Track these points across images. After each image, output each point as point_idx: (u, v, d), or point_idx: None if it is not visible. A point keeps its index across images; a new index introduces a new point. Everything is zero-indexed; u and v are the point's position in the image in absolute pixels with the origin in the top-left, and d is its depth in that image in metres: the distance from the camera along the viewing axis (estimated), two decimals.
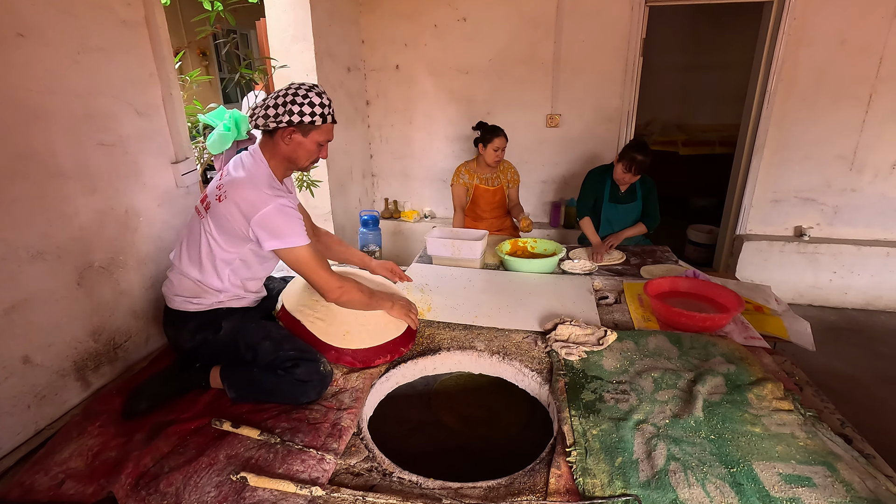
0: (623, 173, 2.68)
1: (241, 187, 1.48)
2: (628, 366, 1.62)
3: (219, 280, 1.57)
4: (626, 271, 2.57)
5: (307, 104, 1.48)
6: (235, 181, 1.50)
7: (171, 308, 1.59)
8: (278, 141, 1.53)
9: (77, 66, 1.46)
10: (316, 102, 1.49)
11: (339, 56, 3.48)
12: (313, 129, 1.53)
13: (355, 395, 1.52)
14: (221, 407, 1.48)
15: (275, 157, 1.57)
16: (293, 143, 1.53)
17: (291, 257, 1.51)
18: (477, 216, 3.25)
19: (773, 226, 3.61)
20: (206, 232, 1.53)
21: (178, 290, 1.58)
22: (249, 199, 1.46)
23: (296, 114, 1.48)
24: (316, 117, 1.50)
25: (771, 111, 3.30)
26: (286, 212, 1.49)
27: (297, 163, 1.60)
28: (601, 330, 1.77)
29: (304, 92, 1.49)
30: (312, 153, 1.58)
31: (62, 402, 1.47)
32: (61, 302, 1.44)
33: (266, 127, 1.53)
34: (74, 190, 1.47)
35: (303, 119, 1.49)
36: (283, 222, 1.47)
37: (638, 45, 3.45)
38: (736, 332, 1.85)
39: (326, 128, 1.56)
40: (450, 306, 2.09)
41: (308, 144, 1.55)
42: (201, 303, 1.57)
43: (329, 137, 1.59)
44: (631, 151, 2.63)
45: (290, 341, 1.55)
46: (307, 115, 1.49)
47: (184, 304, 1.57)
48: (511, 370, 1.73)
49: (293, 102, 1.48)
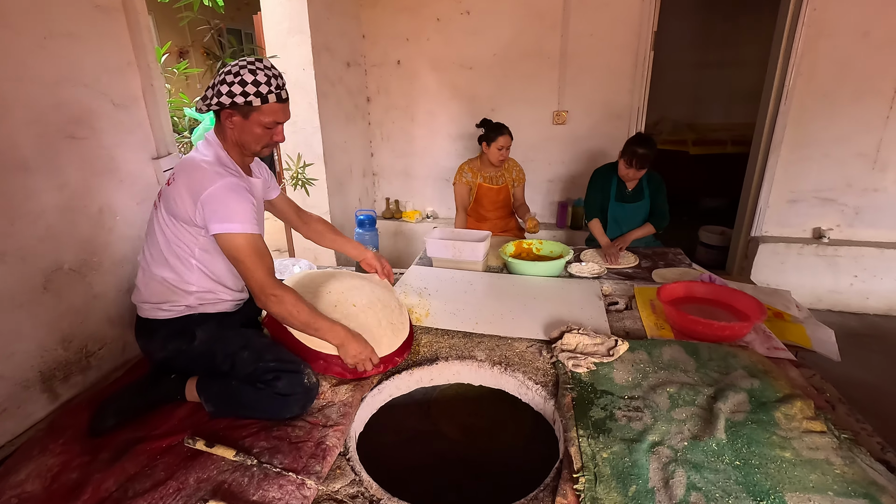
0: (626, 169, 2.56)
1: (189, 166, 1.36)
2: (641, 379, 1.49)
3: (190, 274, 1.44)
4: (637, 275, 2.43)
5: (238, 83, 1.31)
6: (185, 161, 1.38)
7: (141, 316, 1.48)
8: (224, 124, 1.40)
9: (43, 51, 1.35)
10: (248, 80, 1.31)
11: (338, 51, 3.37)
12: (253, 111, 1.36)
13: (343, 411, 1.39)
14: (198, 422, 1.37)
15: (225, 141, 1.44)
16: (236, 126, 1.39)
17: (229, 245, 1.33)
18: (480, 216, 3.12)
19: (791, 227, 3.46)
20: (161, 221, 1.40)
21: (146, 296, 1.46)
22: (197, 177, 1.33)
23: (224, 94, 1.32)
24: (250, 97, 1.33)
25: (789, 107, 3.15)
26: (238, 191, 1.34)
27: (246, 147, 1.44)
28: (611, 339, 1.64)
29: (236, 69, 1.32)
30: (260, 137, 1.41)
31: (25, 416, 1.36)
32: (25, 307, 1.33)
33: (202, 110, 1.40)
34: (40, 185, 1.36)
35: (234, 100, 1.33)
36: (231, 202, 1.32)
37: (649, 38, 3.31)
38: (757, 341, 1.72)
39: (270, 108, 1.37)
40: (449, 312, 1.97)
41: (251, 127, 1.38)
42: (171, 309, 1.45)
43: (277, 118, 1.40)
44: (632, 145, 2.53)
45: (272, 351, 1.42)
46: (238, 94, 1.32)
47: (153, 311, 1.45)
48: (513, 383, 1.60)
49: (223, 82, 1.32)
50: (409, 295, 2.11)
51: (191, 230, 1.39)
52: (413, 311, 1.97)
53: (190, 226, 1.38)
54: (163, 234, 1.40)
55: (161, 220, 1.40)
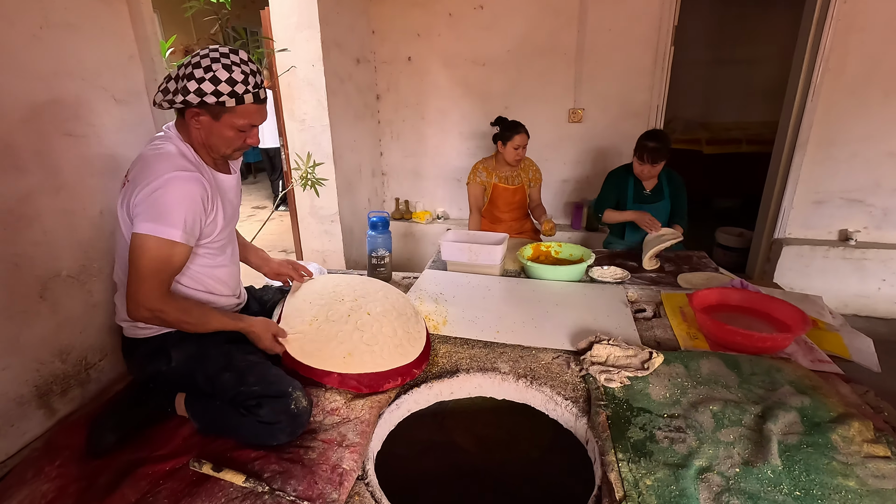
0: (640, 166, 2.47)
1: (142, 162, 1.19)
2: (680, 395, 1.38)
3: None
4: (662, 279, 2.32)
5: (209, 80, 1.13)
6: (139, 157, 1.22)
7: (124, 335, 1.36)
8: (188, 123, 1.22)
9: (39, 43, 1.25)
10: (222, 78, 1.13)
11: (347, 47, 3.27)
12: (225, 112, 1.19)
13: (360, 429, 1.29)
14: (204, 441, 1.27)
15: (189, 140, 1.26)
16: (203, 126, 1.21)
17: (138, 242, 1.14)
18: (495, 218, 3.01)
19: (816, 229, 3.33)
20: (123, 229, 1.23)
21: (122, 314, 1.30)
22: (145, 171, 1.16)
23: (192, 92, 1.14)
24: (224, 97, 1.15)
25: (816, 104, 3.03)
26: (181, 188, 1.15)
27: (214, 149, 1.27)
28: (645, 351, 1.53)
29: (207, 63, 1.14)
30: (231, 140, 1.24)
31: (20, 434, 1.26)
32: (18, 318, 1.24)
33: (162, 107, 1.21)
34: (35, 187, 1.26)
35: (204, 99, 1.15)
36: (167, 198, 1.14)
37: (669, 33, 3.19)
38: (800, 353, 1.60)
39: (245, 109, 1.20)
40: (468, 319, 1.86)
41: (222, 129, 1.21)
42: (148, 327, 1.31)
43: (253, 121, 1.23)
44: (642, 140, 2.45)
45: (255, 372, 1.27)
46: (209, 93, 1.14)
47: (131, 329, 1.33)
48: (541, 397, 1.50)
49: (190, 77, 1.14)
50: (425, 301, 2.01)
51: None
52: (430, 318, 1.87)
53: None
54: (125, 242, 1.22)
55: (124, 229, 1.23)
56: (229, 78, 1.15)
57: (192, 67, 1.15)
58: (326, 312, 1.58)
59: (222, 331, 1.42)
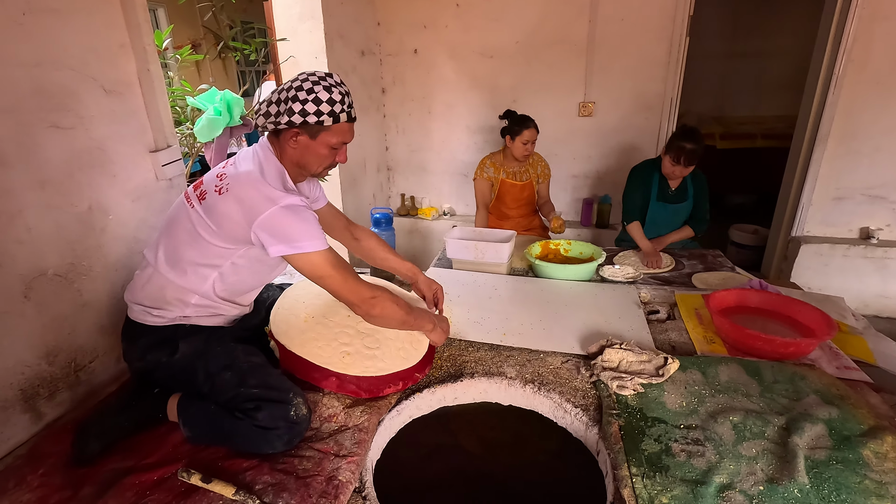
0: (672, 166, 2.32)
1: (247, 183, 1.22)
2: (697, 405, 1.30)
3: (200, 285, 1.29)
4: (676, 279, 2.23)
5: (312, 101, 1.21)
6: (241, 175, 1.24)
7: (129, 317, 1.33)
8: (284, 143, 1.29)
9: (21, 29, 1.19)
10: (323, 98, 1.22)
11: (351, 38, 3.19)
12: (322, 131, 1.26)
13: (358, 437, 1.23)
14: (194, 450, 1.21)
15: (283, 159, 1.32)
16: (300, 146, 1.28)
17: (305, 264, 1.24)
18: (502, 214, 2.93)
19: (836, 227, 3.21)
20: (195, 226, 1.25)
21: (140, 297, 1.31)
22: (253, 198, 1.20)
23: (297, 113, 1.22)
24: (324, 116, 1.23)
25: (838, 97, 2.90)
26: (297, 211, 1.23)
27: (307, 168, 1.34)
28: (659, 356, 1.45)
29: (309, 86, 1.22)
30: (325, 158, 1.32)
31: (4, 441, 1.21)
32: (1, 319, 1.18)
33: (266, 129, 1.29)
34: (18, 182, 1.20)
35: (306, 119, 1.22)
36: (291, 223, 1.21)
37: (685, 23, 3.08)
38: (824, 359, 1.51)
39: (340, 128, 1.28)
40: (473, 321, 1.79)
41: (318, 148, 1.29)
42: (163, 315, 1.29)
43: (345, 139, 1.32)
44: (678, 140, 2.28)
45: (257, 374, 1.26)
46: (311, 114, 1.22)
47: (142, 314, 1.30)
48: (549, 404, 1.43)
49: (294, 99, 1.22)
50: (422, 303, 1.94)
51: (233, 245, 1.26)
52: None
53: (235, 242, 1.25)
54: (196, 239, 1.26)
55: (197, 225, 1.25)
56: (330, 98, 1.22)
57: (296, 91, 1.22)
58: (324, 312, 1.52)
59: (229, 329, 1.42)
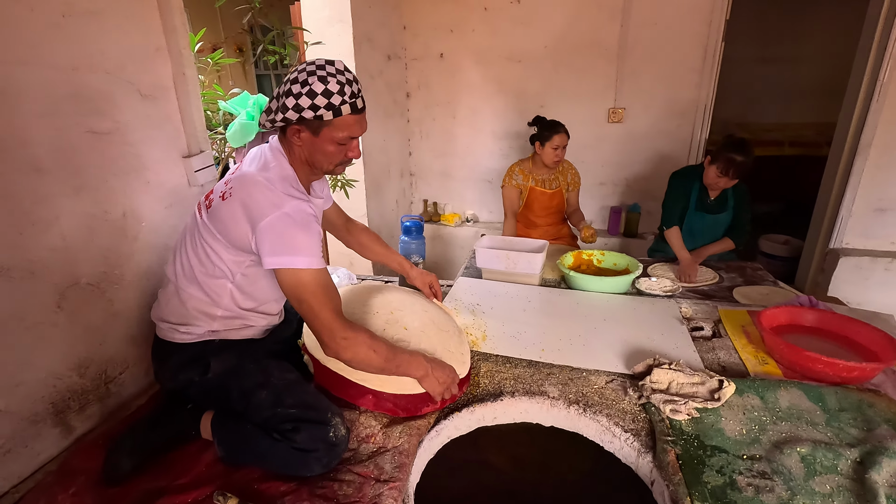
0: (717, 177, 2.21)
1: (252, 184, 1.15)
2: (759, 433, 1.22)
3: (221, 297, 1.23)
4: (716, 293, 2.14)
5: (306, 94, 1.10)
6: (246, 176, 1.17)
7: (157, 336, 1.29)
8: (291, 141, 1.20)
9: (60, 31, 1.16)
10: (318, 91, 1.10)
11: (378, 42, 3.15)
12: (324, 126, 1.15)
13: (399, 461, 1.16)
14: (228, 469, 1.16)
15: (292, 157, 1.24)
16: (304, 143, 1.19)
17: (291, 281, 1.12)
18: (530, 222, 2.86)
19: (877, 239, 3.08)
20: (201, 235, 1.20)
21: (165, 314, 1.26)
22: (258, 199, 1.13)
23: (291, 109, 1.12)
24: (321, 110, 1.11)
25: (882, 105, 2.78)
26: (304, 219, 1.14)
27: (317, 166, 1.25)
28: (713, 378, 1.37)
29: (304, 77, 1.11)
30: (333, 155, 1.21)
31: (34, 456, 1.17)
32: (34, 330, 1.14)
33: (265, 128, 1.21)
34: (54, 188, 1.16)
35: (302, 115, 1.12)
36: (295, 234, 1.11)
37: (721, 28, 2.99)
38: (889, 385, 1.42)
39: (343, 122, 1.15)
40: (509, 335, 1.72)
41: (323, 145, 1.18)
42: (190, 331, 1.24)
43: (352, 133, 1.19)
44: (729, 151, 2.15)
45: (294, 393, 1.19)
46: (307, 108, 1.11)
47: (170, 332, 1.25)
48: (595, 427, 1.35)
49: (288, 94, 1.12)
50: (462, 312, 1.88)
51: (239, 254, 1.19)
52: (468, 332, 1.73)
53: (240, 250, 1.18)
54: (203, 249, 1.20)
55: (203, 234, 1.20)
56: (325, 90, 1.11)
57: (290, 84, 1.13)
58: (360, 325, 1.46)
59: (261, 343, 1.36)
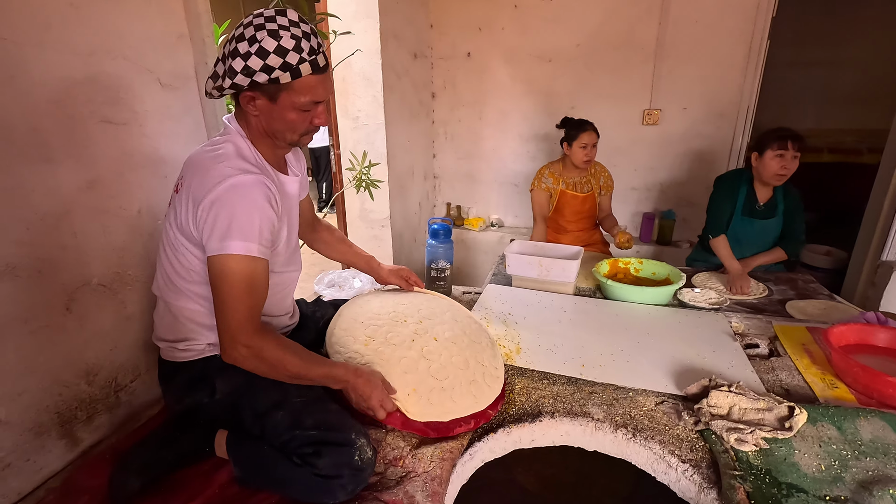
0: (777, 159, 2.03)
1: (196, 164, 1.02)
2: (840, 470, 1.07)
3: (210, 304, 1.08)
4: (767, 307, 1.98)
5: (256, 53, 0.93)
6: (191, 158, 1.05)
7: (161, 357, 1.18)
8: (246, 110, 1.05)
9: (76, 13, 1.08)
10: (269, 48, 0.92)
11: (405, 40, 3.06)
12: (282, 90, 0.99)
13: (431, 489, 1.04)
14: (244, 493, 1.05)
15: (249, 130, 1.09)
16: (261, 112, 1.03)
17: (216, 267, 0.97)
18: (560, 227, 2.73)
19: None
20: (170, 237, 1.07)
21: (161, 332, 1.15)
22: (202, 178, 0.98)
23: (239, 72, 0.95)
24: (276, 72, 0.95)
25: None
26: (250, 195, 0.97)
27: (279, 137, 1.08)
28: (782, 404, 1.22)
29: (251, 33, 0.94)
30: (295, 123, 1.05)
31: (36, 471, 1.08)
32: (40, 333, 1.06)
33: (212, 96, 1.05)
34: (66, 181, 1.08)
35: (254, 79, 0.95)
36: (237, 209, 0.96)
37: (766, 26, 2.84)
38: None
39: (303, 84, 0.99)
40: (545, 348, 1.60)
41: (282, 112, 1.02)
42: (190, 347, 1.12)
43: (315, 96, 1.02)
44: (777, 131, 2.05)
45: (314, 412, 1.05)
46: (259, 70, 0.94)
47: (170, 351, 1.14)
48: (647, 455, 1.21)
49: (234, 54, 0.95)
50: (493, 322, 1.76)
51: (198, 250, 1.05)
52: (501, 344, 1.61)
53: (196, 245, 1.04)
54: (173, 253, 1.07)
55: (170, 237, 1.07)
56: (278, 47, 0.93)
57: (236, 42, 0.95)
58: (385, 334, 1.35)
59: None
